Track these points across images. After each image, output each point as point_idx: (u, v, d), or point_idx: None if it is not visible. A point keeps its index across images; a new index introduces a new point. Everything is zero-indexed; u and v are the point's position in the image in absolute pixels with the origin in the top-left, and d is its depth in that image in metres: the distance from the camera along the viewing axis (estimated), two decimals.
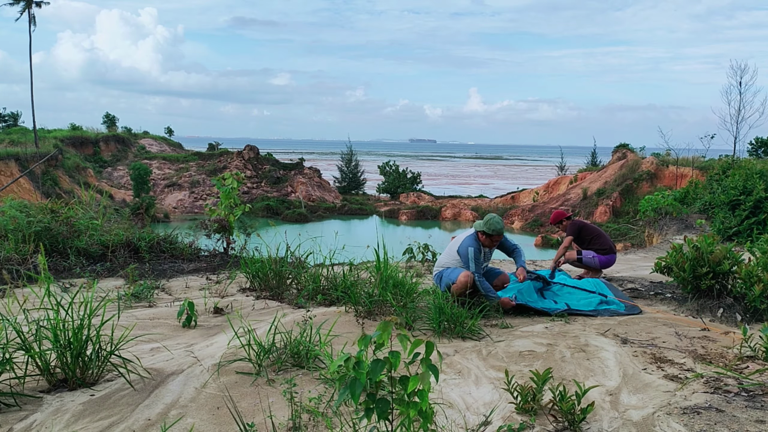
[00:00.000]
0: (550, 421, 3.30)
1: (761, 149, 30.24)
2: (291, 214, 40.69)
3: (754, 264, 5.66)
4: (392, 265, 5.90)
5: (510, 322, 5.42)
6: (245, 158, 46.89)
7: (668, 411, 3.43)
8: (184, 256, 7.95)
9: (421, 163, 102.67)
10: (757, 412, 3.35)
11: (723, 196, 13.70)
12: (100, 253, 7.42)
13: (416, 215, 42.23)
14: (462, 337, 4.87)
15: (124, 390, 3.59)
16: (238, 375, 3.87)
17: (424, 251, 8.38)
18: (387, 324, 2.31)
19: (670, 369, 4.22)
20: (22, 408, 3.32)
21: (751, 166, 15.63)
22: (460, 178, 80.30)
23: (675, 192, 18.14)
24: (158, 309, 5.55)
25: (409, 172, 51.12)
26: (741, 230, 12.34)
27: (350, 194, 49.97)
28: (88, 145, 47.00)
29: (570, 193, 38.55)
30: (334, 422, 3.17)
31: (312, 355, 4.07)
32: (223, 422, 3.22)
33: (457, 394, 3.71)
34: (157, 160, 48.11)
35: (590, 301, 6.08)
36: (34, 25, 39.29)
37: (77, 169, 40.85)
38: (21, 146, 37.96)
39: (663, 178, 33.79)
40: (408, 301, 5.39)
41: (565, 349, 4.68)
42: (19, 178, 30.52)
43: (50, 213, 7.71)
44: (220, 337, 4.68)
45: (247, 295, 6.24)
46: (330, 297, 5.87)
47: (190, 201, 43.57)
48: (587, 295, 6.25)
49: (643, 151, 39.02)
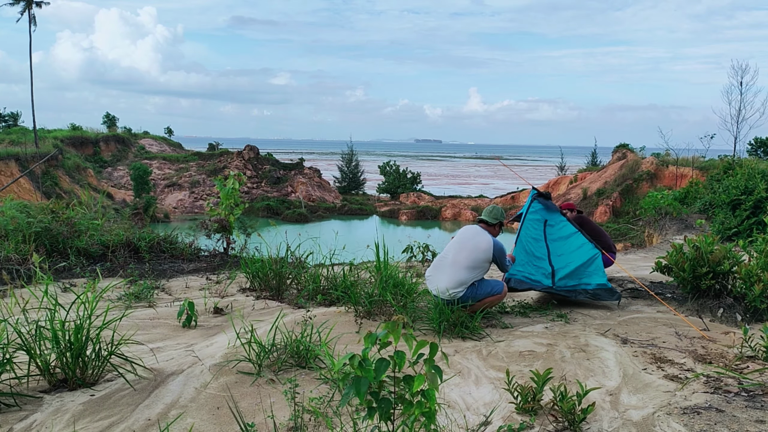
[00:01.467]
0: (550, 421, 3.30)
1: (761, 149, 30.24)
2: (291, 214, 40.70)
3: (754, 264, 5.66)
4: (392, 265, 5.90)
5: (510, 322, 5.42)
6: (245, 158, 46.89)
7: (668, 411, 3.44)
8: (184, 256, 7.95)
9: (422, 163, 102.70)
10: (757, 412, 3.35)
11: (724, 196, 13.69)
12: (100, 253, 7.42)
13: (416, 215, 42.24)
14: (462, 337, 4.87)
15: (124, 390, 3.59)
16: (239, 375, 3.87)
17: (424, 251, 8.38)
18: (395, 324, 2.31)
19: (670, 369, 4.22)
20: (22, 408, 3.32)
21: (753, 165, 15.63)
22: (460, 178, 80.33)
23: (675, 192, 18.14)
24: (158, 309, 5.55)
25: (409, 172, 51.14)
26: (741, 230, 12.33)
27: (350, 194, 49.98)
28: (88, 145, 47.02)
29: (570, 193, 38.57)
30: (334, 422, 3.17)
31: (312, 354, 4.07)
32: (224, 422, 3.22)
33: (457, 394, 3.71)
34: (157, 160, 48.13)
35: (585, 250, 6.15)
36: (34, 25, 39.32)
37: (77, 169, 40.86)
38: (21, 146, 37.96)
39: (663, 178, 33.80)
40: (408, 301, 5.39)
41: (565, 349, 4.68)
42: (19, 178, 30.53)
43: (50, 213, 7.71)
44: (220, 337, 4.68)
45: (247, 295, 6.24)
46: (330, 297, 5.87)
47: (190, 201, 43.57)
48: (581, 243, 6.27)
49: (643, 151, 39.04)
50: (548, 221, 6.34)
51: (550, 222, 6.36)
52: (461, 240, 5.25)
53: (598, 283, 6.06)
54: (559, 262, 6.11)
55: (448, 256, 5.19)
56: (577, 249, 6.20)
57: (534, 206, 6.36)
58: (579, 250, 6.19)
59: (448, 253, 5.23)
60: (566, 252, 6.18)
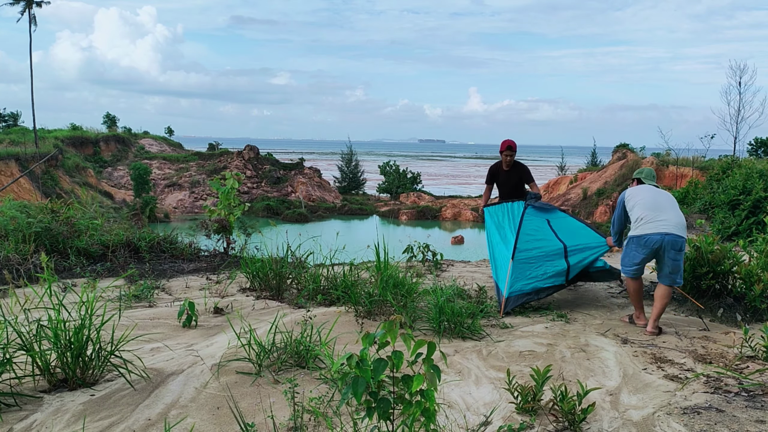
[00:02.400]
0: (550, 421, 3.30)
1: (761, 149, 30.23)
2: (291, 214, 40.69)
3: (754, 264, 5.66)
4: (392, 265, 5.90)
5: (510, 322, 5.42)
6: (245, 158, 46.90)
7: (668, 411, 3.44)
8: (184, 256, 7.95)
9: (422, 163, 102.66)
10: (757, 412, 3.35)
11: (723, 196, 13.69)
12: (100, 253, 7.42)
13: (416, 215, 42.24)
14: (462, 337, 4.87)
15: (124, 390, 3.59)
16: (239, 375, 3.87)
17: (425, 251, 8.38)
18: (392, 323, 2.31)
19: (670, 369, 4.22)
20: (22, 408, 3.32)
21: (751, 165, 15.62)
22: (460, 178, 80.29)
23: (675, 192, 18.14)
24: (158, 309, 5.55)
25: (409, 172, 51.14)
26: (740, 230, 12.33)
27: (350, 194, 49.99)
28: (88, 145, 47.03)
29: (570, 193, 38.57)
30: (334, 422, 3.17)
31: (312, 354, 4.07)
32: (224, 422, 3.22)
33: (457, 394, 3.71)
34: (157, 160, 48.13)
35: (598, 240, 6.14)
36: (34, 25, 39.30)
37: (77, 169, 40.87)
38: (21, 146, 37.96)
39: (663, 178, 33.78)
40: (408, 301, 5.39)
41: (565, 349, 4.68)
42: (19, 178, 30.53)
43: (50, 213, 7.71)
44: (220, 337, 4.69)
45: (248, 295, 6.24)
46: (330, 297, 5.87)
47: (190, 201, 43.58)
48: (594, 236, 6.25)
49: (643, 151, 39.04)
50: (550, 220, 6.34)
51: (553, 219, 6.37)
52: (657, 193, 5.34)
53: (599, 265, 6.12)
54: (571, 241, 6.10)
55: (661, 200, 5.24)
56: (588, 235, 6.25)
57: (529, 212, 6.33)
58: (590, 236, 6.24)
59: (656, 201, 5.24)
60: (577, 237, 6.21)
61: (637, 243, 5.20)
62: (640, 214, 5.23)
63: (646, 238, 5.13)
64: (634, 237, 5.23)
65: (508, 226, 6.35)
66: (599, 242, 6.14)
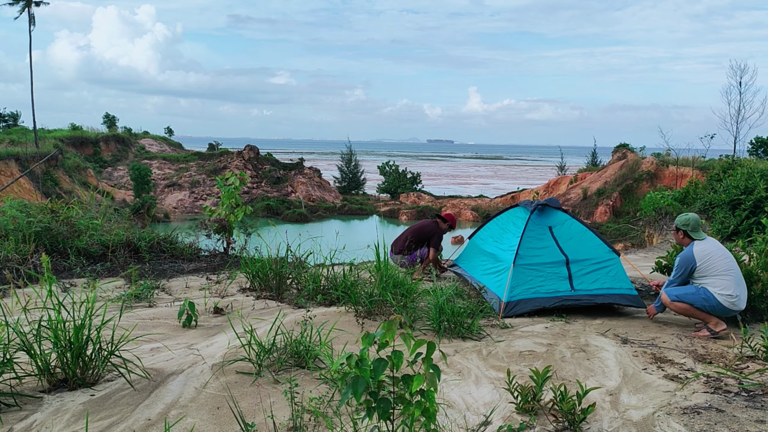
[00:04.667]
0: (550, 421, 3.30)
1: (761, 149, 30.22)
2: (291, 214, 40.68)
3: (753, 264, 5.66)
4: (392, 265, 5.90)
5: (510, 322, 5.42)
6: (245, 158, 46.89)
7: (668, 411, 3.44)
8: (184, 256, 7.95)
9: (422, 163, 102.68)
10: (757, 412, 3.35)
11: (724, 196, 13.68)
12: (100, 253, 7.41)
13: (416, 215, 42.21)
14: (462, 337, 4.87)
15: (124, 390, 3.59)
16: (239, 375, 3.87)
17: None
18: (391, 323, 2.30)
19: (670, 369, 4.22)
20: (22, 408, 3.32)
21: (753, 165, 15.62)
22: (460, 178, 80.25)
23: (675, 192, 18.13)
24: (158, 309, 5.55)
25: (409, 173, 51.12)
26: (741, 230, 12.33)
27: (350, 194, 49.96)
28: (88, 145, 47.00)
29: (570, 193, 38.55)
30: (334, 422, 3.17)
31: (312, 354, 4.07)
32: (224, 422, 3.22)
33: (457, 394, 3.71)
34: (157, 160, 48.11)
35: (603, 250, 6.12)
36: (33, 24, 39.24)
37: (77, 169, 40.84)
38: (21, 146, 37.93)
39: (663, 178, 33.76)
40: (408, 301, 5.39)
41: (565, 349, 4.68)
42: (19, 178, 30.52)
43: (50, 213, 7.71)
44: (220, 337, 4.68)
45: (247, 295, 6.24)
46: (330, 297, 5.87)
47: (190, 201, 43.56)
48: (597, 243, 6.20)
49: (643, 151, 38.98)
50: (553, 227, 6.33)
51: (555, 225, 6.36)
52: (724, 252, 5.32)
53: (627, 287, 5.97)
54: (574, 254, 6.06)
55: (734, 270, 5.23)
56: (594, 248, 6.18)
57: (534, 219, 6.33)
58: (597, 249, 6.17)
59: (728, 266, 5.23)
60: (582, 249, 6.16)
61: (709, 299, 5.13)
62: (724, 287, 5.14)
63: (720, 308, 5.13)
64: (713, 296, 5.13)
65: (512, 230, 6.45)
66: (602, 256, 6.08)
